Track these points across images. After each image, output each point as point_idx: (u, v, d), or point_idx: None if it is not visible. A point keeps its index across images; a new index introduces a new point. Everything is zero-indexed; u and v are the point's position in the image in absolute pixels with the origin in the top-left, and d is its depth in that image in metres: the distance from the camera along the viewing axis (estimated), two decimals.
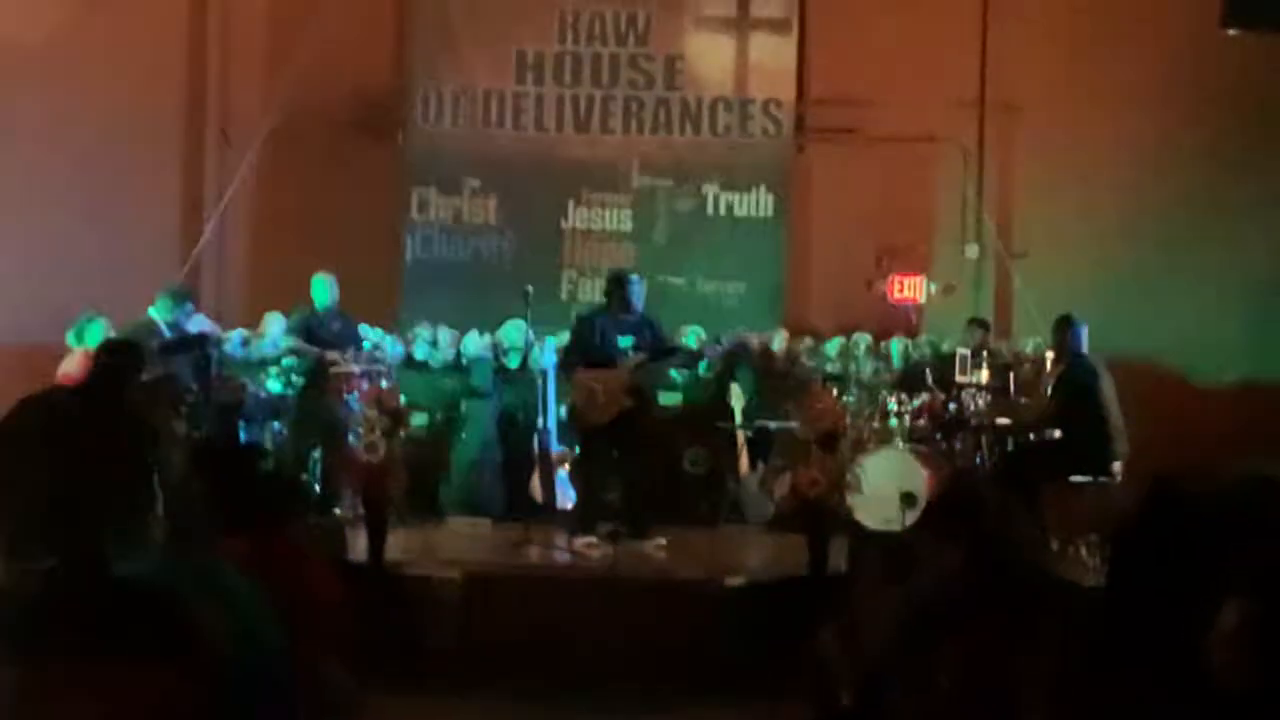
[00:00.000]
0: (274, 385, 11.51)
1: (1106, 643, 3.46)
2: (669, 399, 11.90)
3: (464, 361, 12.29)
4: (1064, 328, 10.38)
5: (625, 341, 10.10)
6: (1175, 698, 3.26)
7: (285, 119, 13.54)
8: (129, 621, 3.97)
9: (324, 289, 11.51)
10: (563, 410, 11.15)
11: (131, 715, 3.64)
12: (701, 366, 12.25)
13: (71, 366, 11.10)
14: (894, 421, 11.02)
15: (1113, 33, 13.23)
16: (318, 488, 11.05)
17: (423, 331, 12.52)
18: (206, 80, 13.99)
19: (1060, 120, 13.51)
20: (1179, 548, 3.55)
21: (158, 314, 10.83)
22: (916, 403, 11.20)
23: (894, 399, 11.18)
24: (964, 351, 11.48)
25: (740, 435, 11.64)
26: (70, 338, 11.15)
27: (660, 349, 10.33)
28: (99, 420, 7.56)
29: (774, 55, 13.84)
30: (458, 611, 8.59)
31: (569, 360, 10.50)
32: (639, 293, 10.36)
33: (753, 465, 11.62)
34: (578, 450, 10.84)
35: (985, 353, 11.68)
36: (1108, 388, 10.12)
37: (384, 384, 11.41)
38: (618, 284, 10.46)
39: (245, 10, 14.07)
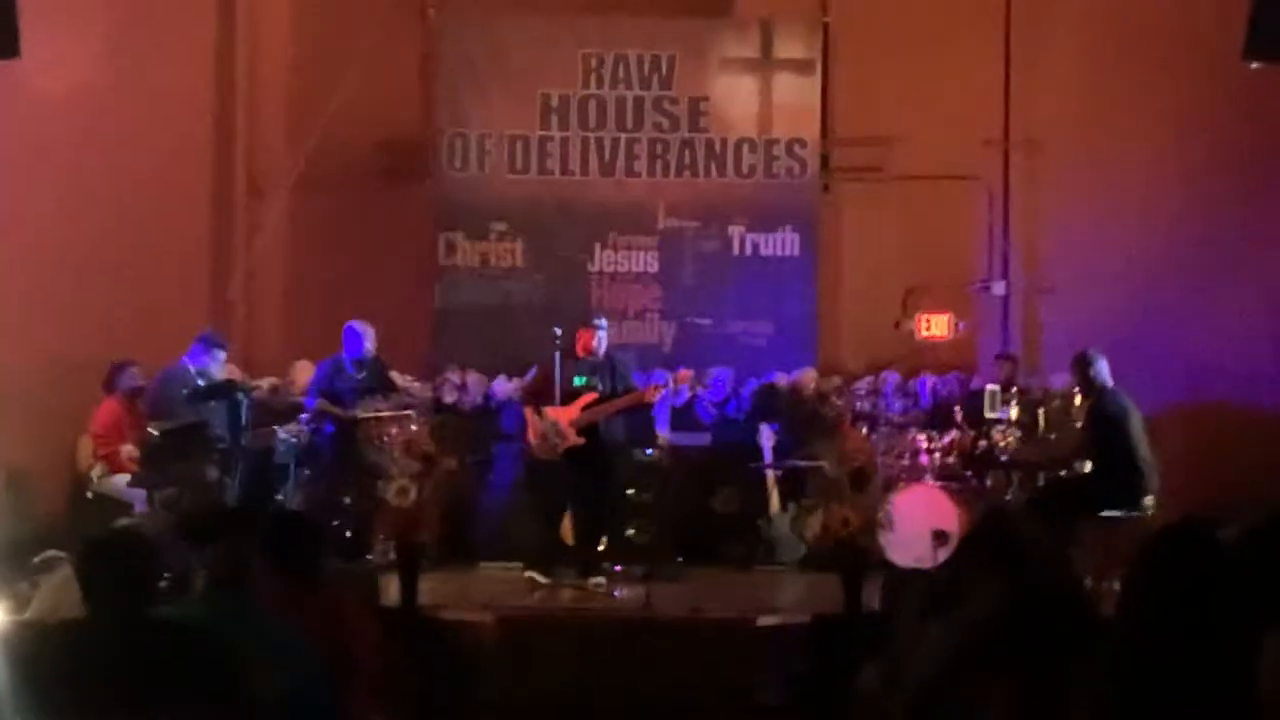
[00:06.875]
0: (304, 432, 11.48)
1: (1135, 676, 3.47)
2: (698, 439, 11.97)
3: (493, 405, 12.32)
4: (1083, 363, 10.34)
5: (579, 381, 10.15)
6: None
7: (312, 167, 13.65)
8: (176, 664, 4.02)
9: (355, 338, 11.39)
10: None
11: None
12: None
13: (102, 416, 11.18)
14: (924, 459, 11.01)
15: (1134, 67, 13.24)
16: (350, 534, 11.02)
17: (452, 376, 12.56)
18: (234, 130, 14.10)
19: (1084, 155, 13.54)
20: (1201, 583, 3.57)
21: (190, 361, 10.87)
22: (946, 440, 11.19)
23: (924, 436, 11.17)
24: (993, 388, 11.46)
25: (771, 475, 11.63)
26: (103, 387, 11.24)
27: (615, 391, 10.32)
28: None
29: (798, 96, 13.91)
30: (491, 655, 8.59)
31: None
32: (602, 338, 10.39)
33: (784, 505, 11.60)
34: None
35: (1014, 388, 11.67)
36: (1136, 421, 10.06)
37: (414, 429, 11.45)
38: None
39: (271, 59, 14.20)
